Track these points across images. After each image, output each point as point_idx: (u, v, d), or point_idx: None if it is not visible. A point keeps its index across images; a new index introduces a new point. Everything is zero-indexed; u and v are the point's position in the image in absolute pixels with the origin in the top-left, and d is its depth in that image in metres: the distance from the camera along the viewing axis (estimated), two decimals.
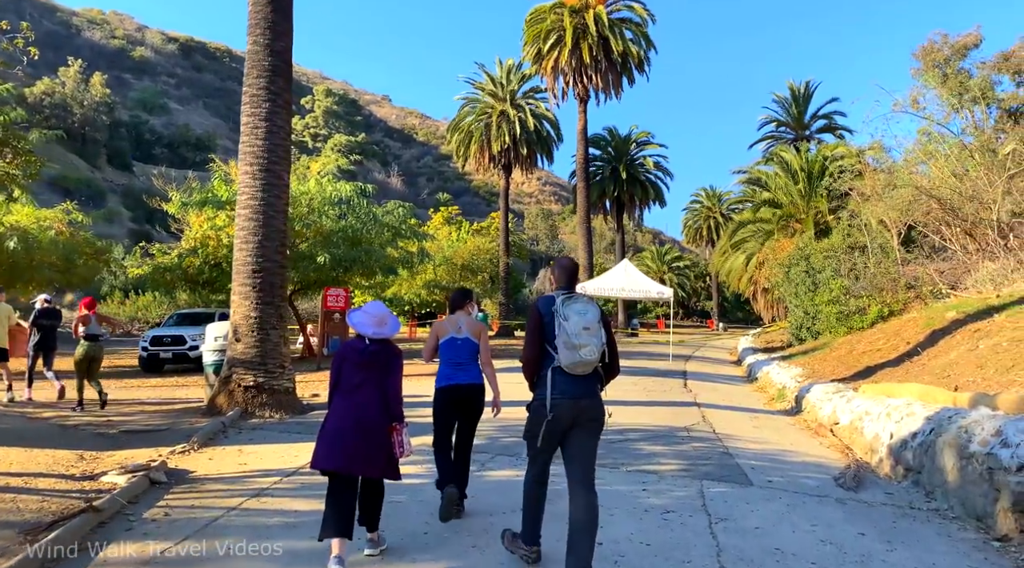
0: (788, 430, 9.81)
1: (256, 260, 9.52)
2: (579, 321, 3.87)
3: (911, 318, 15.29)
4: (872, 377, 11.71)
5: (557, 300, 3.99)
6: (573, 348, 3.82)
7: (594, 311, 3.97)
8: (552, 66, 34.78)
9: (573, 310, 3.91)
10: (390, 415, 4.26)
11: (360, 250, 20.25)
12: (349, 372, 4.27)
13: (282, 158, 9.80)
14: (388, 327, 4.42)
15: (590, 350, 3.84)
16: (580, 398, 3.93)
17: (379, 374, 4.28)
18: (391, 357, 4.36)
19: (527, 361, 4.08)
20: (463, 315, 5.61)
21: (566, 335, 3.83)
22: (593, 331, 3.88)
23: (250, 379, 9.32)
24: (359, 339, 4.36)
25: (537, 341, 4.01)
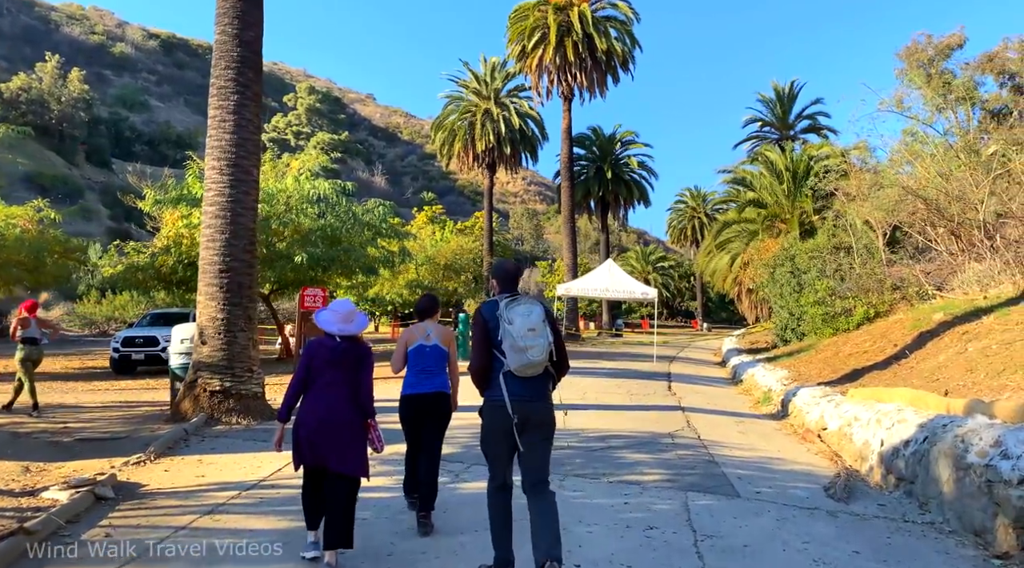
0: (775, 436, 9.53)
1: (223, 259, 9.11)
2: (524, 323, 3.84)
3: (897, 319, 15.11)
4: (860, 380, 11.48)
5: (501, 304, 3.95)
6: (520, 350, 3.79)
7: (538, 311, 3.92)
8: (536, 64, 34.46)
9: (517, 312, 3.86)
10: (362, 412, 4.29)
11: (339, 249, 19.82)
12: (320, 370, 4.26)
13: (251, 153, 9.40)
14: (355, 324, 4.44)
15: (537, 351, 3.82)
16: (531, 401, 3.90)
17: (350, 371, 4.29)
18: (362, 354, 4.38)
19: (476, 370, 4.01)
20: (432, 323, 5.52)
21: (512, 338, 3.80)
22: (539, 331, 3.85)
23: (216, 384, 8.91)
24: (329, 337, 4.37)
25: (485, 348, 3.97)
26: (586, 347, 30.72)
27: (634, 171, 48.80)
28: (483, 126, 41.02)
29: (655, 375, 17.19)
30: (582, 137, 47.84)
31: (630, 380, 15.32)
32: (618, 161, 48.47)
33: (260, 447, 7.37)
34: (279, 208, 19.44)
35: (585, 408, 10.71)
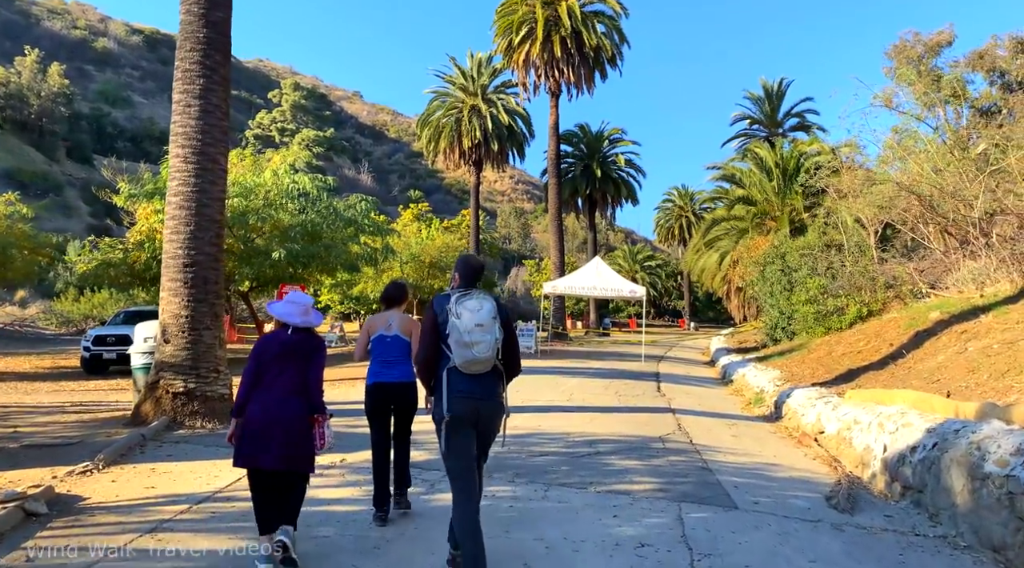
0: (769, 440, 9.11)
1: (187, 253, 8.57)
2: (471, 318, 3.76)
3: (892, 318, 14.75)
4: (855, 381, 11.08)
5: (452, 298, 3.86)
6: (465, 346, 3.71)
7: (489, 307, 3.83)
8: (523, 59, 33.97)
9: (466, 307, 3.77)
10: (311, 406, 4.21)
11: (319, 246, 19.29)
12: (270, 363, 4.19)
13: (218, 140, 8.86)
14: (313, 316, 4.41)
15: (483, 347, 3.73)
16: (477, 399, 3.80)
17: (301, 364, 4.22)
18: (314, 347, 4.32)
19: (420, 362, 3.96)
20: (395, 312, 5.41)
21: (457, 332, 3.72)
22: (487, 327, 3.76)
23: (179, 385, 8.37)
24: (282, 329, 4.34)
25: (432, 341, 3.89)
26: (573, 346, 30.29)
27: (622, 169, 48.41)
28: (470, 122, 40.46)
29: (644, 375, 16.76)
30: (569, 134, 47.42)
31: (618, 380, 14.88)
32: (606, 159, 48.07)
33: (222, 453, 6.84)
34: (257, 203, 18.86)
35: (572, 410, 10.25)
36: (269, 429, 4.04)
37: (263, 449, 4.02)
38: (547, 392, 12.29)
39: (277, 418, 4.07)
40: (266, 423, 4.05)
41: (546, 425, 8.91)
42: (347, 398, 10.92)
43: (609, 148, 48.91)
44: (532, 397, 11.47)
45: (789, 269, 19.50)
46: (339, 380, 13.96)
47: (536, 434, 8.31)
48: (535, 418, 9.41)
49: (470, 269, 4.07)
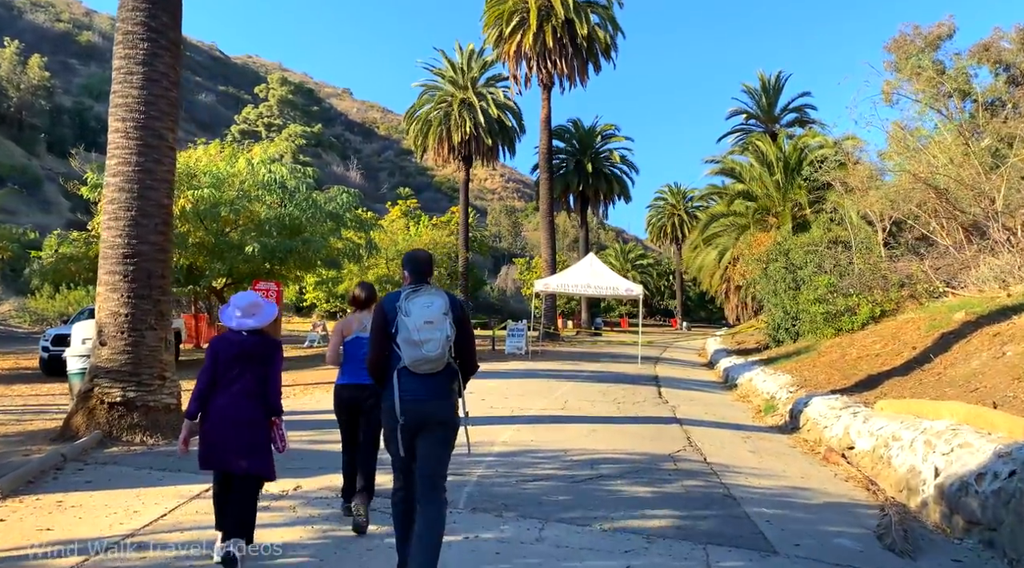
0: (791, 456, 8.06)
1: (128, 242, 7.44)
2: (421, 314, 3.62)
3: (909, 319, 13.76)
4: (879, 388, 10.07)
5: (401, 295, 3.73)
6: (414, 344, 3.58)
7: (441, 303, 3.69)
8: (514, 50, 32.90)
9: (416, 303, 3.66)
10: (268, 409, 4.14)
11: (298, 240, 18.15)
12: (226, 366, 4.09)
13: (165, 113, 7.74)
14: (257, 317, 4.20)
15: (433, 345, 3.59)
16: (427, 400, 3.65)
17: (257, 367, 4.13)
18: (269, 349, 4.21)
19: (370, 364, 3.81)
20: (367, 313, 5.09)
21: (406, 331, 3.60)
22: (437, 324, 3.62)
23: (117, 394, 7.25)
24: (235, 332, 4.20)
25: (381, 342, 3.73)
26: (565, 347, 29.25)
27: (615, 165, 47.38)
28: (460, 116, 39.31)
29: (642, 379, 15.72)
30: (561, 129, 46.37)
31: (615, 385, 13.83)
32: (598, 155, 47.00)
33: (153, 478, 5.74)
34: (230, 194, 17.72)
35: (567, 421, 9.18)
36: (230, 432, 3.98)
37: (222, 451, 3.99)
38: (539, 399, 11.22)
39: (236, 421, 4.00)
40: (227, 426, 3.98)
41: (540, 440, 7.84)
42: (318, 406, 9.82)
43: (602, 144, 47.86)
44: (523, 405, 10.40)
45: (794, 267, 18.52)
46: (312, 384, 12.84)
47: (528, 452, 7.24)
48: (527, 431, 8.34)
49: (418, 264, 3.90)
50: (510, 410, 9.86)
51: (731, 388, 15.18)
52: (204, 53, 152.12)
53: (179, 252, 16.84)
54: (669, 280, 73.50)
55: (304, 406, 10.16)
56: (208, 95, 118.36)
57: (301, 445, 7.08)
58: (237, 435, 3.99)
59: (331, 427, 8.03)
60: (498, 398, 11.10)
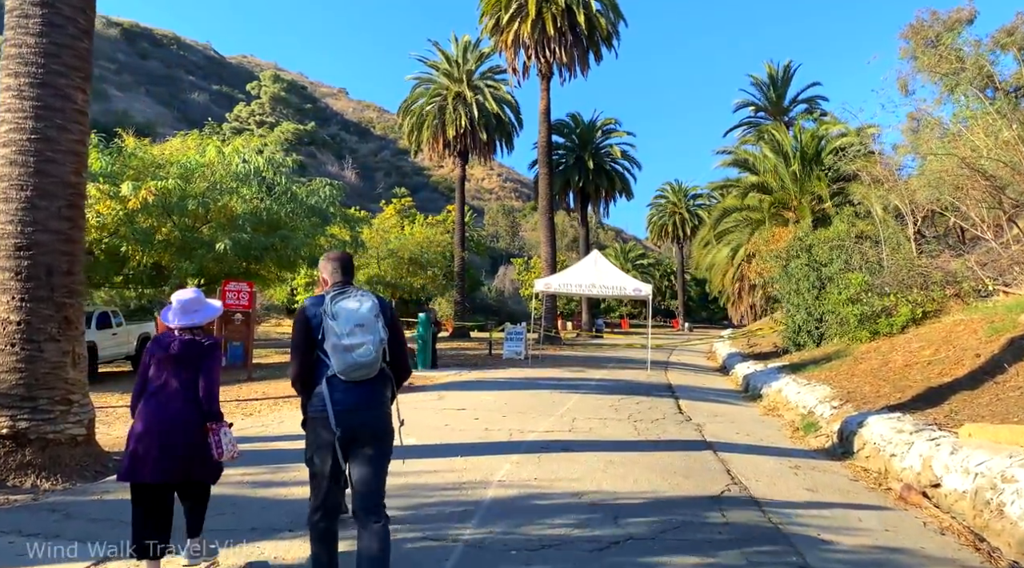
0: (858, 494, 6.47)
1: (21, 229, 5.86)
2: (350, 317, 3.38)
3: (959, 321, 12.19)
4: (945, 404, 8.49)
5: (326, 297, 3.48)
6: (344, 350, 3.34)
7: (370, 304, 3.47)
8: (512, 39, 31.33)
9: (343, 306, 3.43)
10: (204, 414, 3.90)
11: (276, 237, 16.55)
12: (157, 367, 3.94)
13: (72, 67, 6.15)
14: (199, 314, 4.07)
15: (365, 350, 3.35)
16: (359, 409, 3.38)
17: (192, 369, 3.93)
18: (205, 349, 3.99)
19: (295, 377, 3.52)
20: None
21: (335, 335, 3.35)
22: (368, 327, 3.39)
23: (3, 423, 5.66)
24: (169, 332, 4.03)
25: (306, 350, 3.47)
26: (567, 351, 27.65)
27: (616, 161, 45.80)
28: (455, 110, 37.73)
29: (655, 389, 14.14)
30: (561, 124, 44.82)
31: (628, 398, 12.23)
32: (599, 150, 45.42)
33: (14, 553, 4.14)
34: (200, 186, 16.13)
35: (578, 448, 7.58)
36: (153, 439, 3.76)
37: (143, 461, 3.74)
38: (542, 417, 9.62)
39: (161, 427, 3.79)
40: (150, 432, 3.78)
41: (546, 478, 6.24)
42: (281, 429, 8.22)
43: (602, 139, 46.28)
44: (523, 426, 8.81)
45: (817, 264, 16.95)
46: (283, 398, 11.23)
47: (532, 497, 5.64)
48: (529, 464, 6.74)
49: (340, 264, 3.68)
50: (508, 433, 8.26)
51: (755, 398, 13.60)
52: (199, 52, 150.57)
53: (143, 249, 15.29)
54: (670, 280, 72.07)
55: (265, 429, 8.55)
56: (202, 94, 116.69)
57: (235, 491, 5.49)
58: (169, 443, 3.76)
59: (284, 467, 6.47)
60: (494, 416, 9.51)
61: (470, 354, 23.73)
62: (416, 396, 11.56)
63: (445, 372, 16.23)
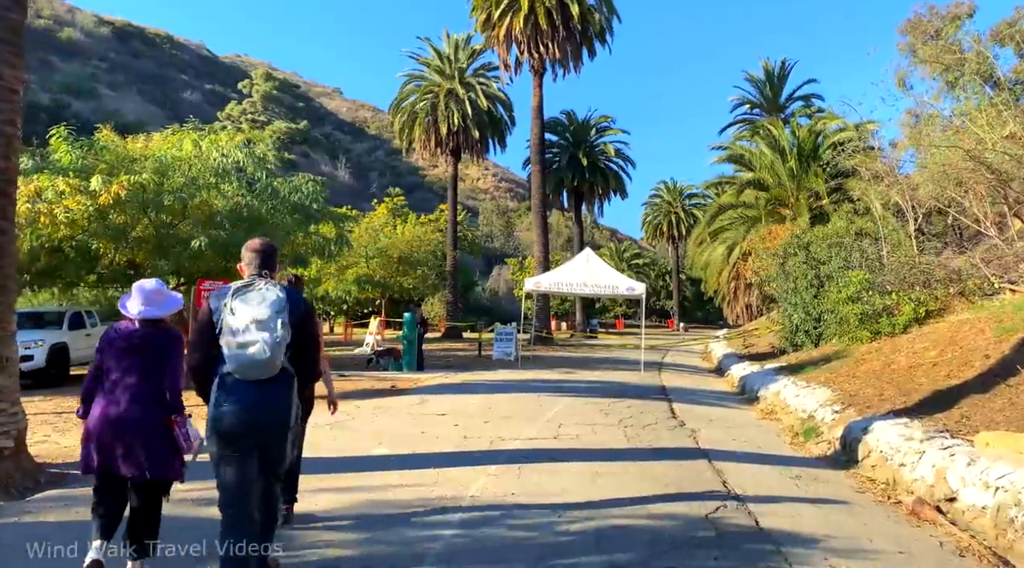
0: (866, 510, 5.93)
1: None
2: (249, 313, 3.23)
3: (964, 320, 11.69)
4: (955, 408, 7.97)
5: (229, 291, 3.33)
6: (239, 346, 3.19)
7: (274, 299, 3.29)
8: (504, 34, 30.72)
9: (244, 300, 3.28)
10: (166, 406, 3.78)
11: (256, 234, 15.94)
12: (114, 360, 3.79)
13: None
14: (160, 306, 3.94)
15: (261, 348, 3.18)
16: (253, 409, 3.21)
17: (152, 360, 3.80)
18: (167, 341, 3.88)
19: (192, 367, 3.43)
20: None
21: (230, 331, 3.22)
22: (266, 324, 3.21)
23: None
24: (128, 322, 3.93)
25: (205, 341, 3.35)
26: (559, 352, 27.11)
27: (611, 159, 45.27)
28: (447, 108, 37.14)
29: (648, 391, 13.60)
30: (555, 122, 44.28)
31: (619, 401, 11.69)
32: (593, 148, 44.88)
33: None
34: (177, 181, 15.51)
35: (563, 456, 7.03)
36: (113, 434, 3.65)
37: (110, 455, 3.65)
38: (527, 423, 9.07)
39: (125, 421, 3.66)
40: (109, 427, 3.66)
41: (525, 491, 5.69)
42: None
43: (596, 137, 45.76)
44: (506, 433, 8.25)
45: (816, 262, 16.44)
46: None
47: (508, 514, 5.09)
48: (509, 476, 6.19)
49: (255, 255, 3.48)
50: (489, 441, 7.71)
51: (751, 402, 13.07)
52: (192, 52, 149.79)
53: (116, 246, 14.70)
54: (666, 280, 71.61)
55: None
56: (194, 94, 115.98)
57: (181, 510, 4.91)
58: (125, 438, 3.65)
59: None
60: (476, 422, 8.95)
61: (460, 355, 23.18)
62: (396, 401, 11.01)
63: (431, 374, 15.68)
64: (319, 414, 9.44)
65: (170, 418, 3.77)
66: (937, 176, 12.97)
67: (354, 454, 6.84)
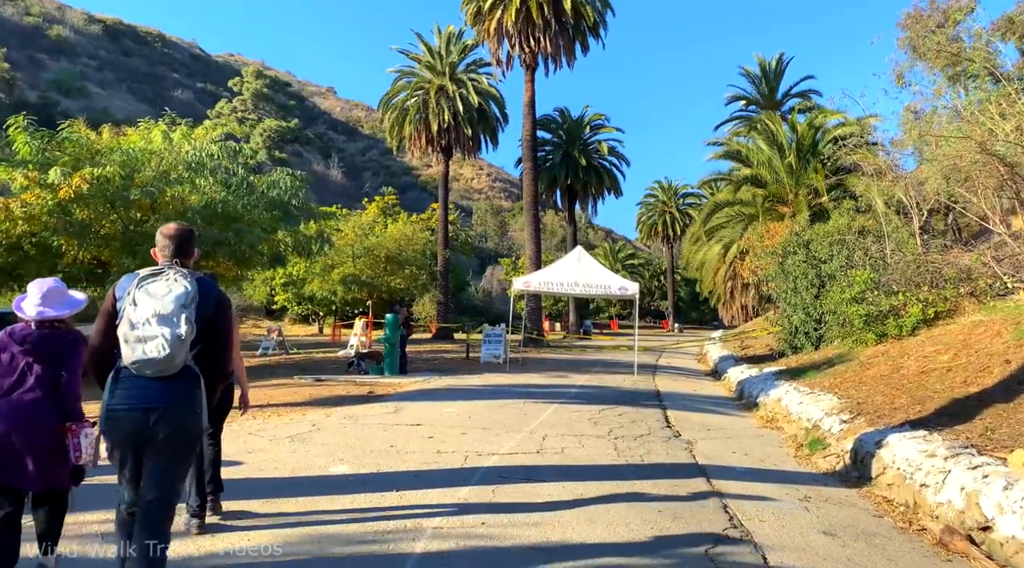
0: (889, 540, 5.19)
1: None
2: (152, 305, 3.04)
3: (977, 322, 10.99)
4: (977, 419, 7.25)
5: (135, 279, 3.17)
6: (136, 341, 3.02)
7: (180, 292, 3.08)
8: (495, 27, 30.01)
9: (148, 290, 3.09)
10: (63, 413, 3.59)
11: (230, 231, 15.19)
12: (10, 363, 3.58)
13: None
14: (61, 305, 3.72)
15: (159, 344, 3.00)
16: (150, 408, 3.04)
17: (49, 364, 3.60)
18: (66, 343, 3.68)
19: (88, 358, 3.34)
20: None
21: (127, 324, 3.05)
22: (168, 318, 3.02)
23: None
24: (24, 324, 3.70)
25: (105, 330, 3.21)
26: (551, 353, 26.36)
27: (604, 157, 44.56)
28: (438, 105, 36.42)
29: (642, 397, 12.87)
30: (548, 119, 43.56)
31: (610, 408, 10.94)
32: (587, 146, 44.17)
33: None
34: (147, 175, 14.74)
35: (543, 477, 6.27)
36: (8, 441, 3.44)
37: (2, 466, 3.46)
38: (508, 435, 8.31)
39: (16, 428, 3.44)
40: (9, 436, 3.44)
41: (496, 522, 4.92)
42: None
43: (591, 135, 45.06)
44: (484, 446, 7.49)
45: (817, 261, 15.74)
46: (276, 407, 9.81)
47: (473, 554, 4.33)
48: (478, 499, 5.42)
49: (168, 240, 3.28)
50: (463, 456, 6.96)
51: (750, 408, 12.34)
52: (184, 50, 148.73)
53: (79, 243, 13.91)
54: (660, 280, 70.97)
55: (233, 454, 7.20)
56: (186, 92, 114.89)
57: (81, 546, 4.14)
58: (25, 445, 3.43)
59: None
60: (453, 434, 8.19)
61: (448, 357, 22.42)
62: (369, 408, 10.24)
63: (413, 379, 14.91)
64: (281, 426, 8.72)
65: (66, 426, 3.58)
66: (947, 169, 12.26)
67: (309, 474, 6.08)
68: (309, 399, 11.30)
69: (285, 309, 46.41)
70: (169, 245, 3.29)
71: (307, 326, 52.86)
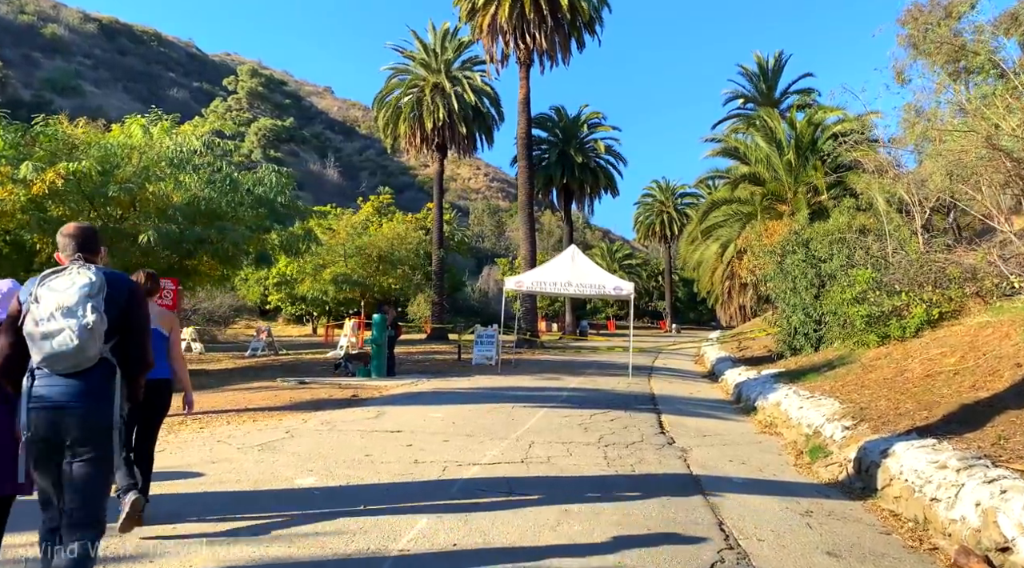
0: (902, 563, 4.77)
1: None
2: (54, 299, 2.93)
3: (984, 323, 10.57)
4: (989, 426, 6.83)
5: (37, 279, 3.06)
6: (41, 337, 2.90)
7: (84, 284, 2.95)
8: (489, 24, 29.57)
9: (50, 286, 2.99)
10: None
11: (212, 229, 14.76)
12: None
13: None
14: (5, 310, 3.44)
15: (66, 337, 2.88)
16: (63, 407, 2.92)
17: None
18: None
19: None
20: (152, 304, 4.80)
21: (31, 321, 2.94)
22: (73, 310, 2.90)
23: None
24: None
25: (12, 335, 3.04)
26: (546, 355, 25.93)
27: (601, 156, 44.14)
28: (432, 102, 36.00)
29: (635, 400, 12.43)
30: (544, 118, 43.13)
31: (602, 413, 10.51)
32: (583, 145, 43.74)
33: None
34: (126, 171, 14.31)
35: (526, 489, 5.83)
36: None
37: None
38: (492, 442, 7.88)
39: None
40: None
41: (470, 542, 4.49)
42: (179, 460, 6.42)
43: (587, 133, 44.63)
44: (465, 456, 7.06)
45: (816, 260, 15.32)
46: (253, 412, 9.37)
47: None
48: (453, 519, 4.97)
49: (68, 239, 3.18)
50: (442, 467, 6.52)
51: (748, 412, 11.92)
52: (180, 50, 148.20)
53: (52, 241, 13.45)
54: (658, 280, 70.62)
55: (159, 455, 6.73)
56: (181, 91, 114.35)
57: None
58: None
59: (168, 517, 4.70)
60: (434, 442, 7.75)
61: (439, 359, 22.00)
62: (349, 413, 9.80)
63: (400, 381, 14.46)
64: (253, 433, 8.28)
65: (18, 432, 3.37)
66: (951, 165, 11.85)
67: (273, 486, 5.65)
68: (289, 403, 10.86)
69: (279, 309, 45.99)
70: (70, 243, 3.20)
71: (301, 326, 52.39)
